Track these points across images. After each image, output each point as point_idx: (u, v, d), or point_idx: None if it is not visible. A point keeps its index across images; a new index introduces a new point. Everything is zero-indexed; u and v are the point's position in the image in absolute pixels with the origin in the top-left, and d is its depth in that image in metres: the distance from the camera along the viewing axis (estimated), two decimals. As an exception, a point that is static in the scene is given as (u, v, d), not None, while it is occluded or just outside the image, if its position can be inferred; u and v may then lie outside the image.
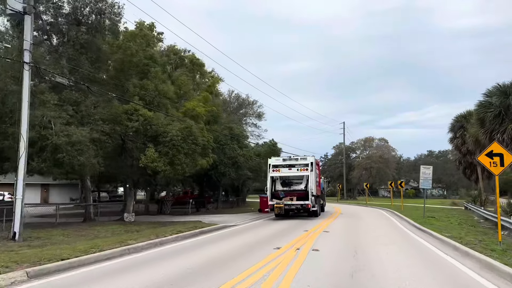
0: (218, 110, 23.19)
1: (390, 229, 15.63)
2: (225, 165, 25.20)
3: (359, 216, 23.76)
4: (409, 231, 14.71)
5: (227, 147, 25.27)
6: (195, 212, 26.70)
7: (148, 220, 19.62)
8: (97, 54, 19.17)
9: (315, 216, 21.41)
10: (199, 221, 18.29)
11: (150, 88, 19.70)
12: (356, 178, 62.86)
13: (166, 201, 24.87)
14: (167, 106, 20.58)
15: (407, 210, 28.10)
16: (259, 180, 32.79)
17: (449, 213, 26.68)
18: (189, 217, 22.11)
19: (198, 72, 26.67)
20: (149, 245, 10.74)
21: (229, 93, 39.24)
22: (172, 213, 25.59)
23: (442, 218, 21.55)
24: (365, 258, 8.62)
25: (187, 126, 18.29)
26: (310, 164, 21.63)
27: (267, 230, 14.89)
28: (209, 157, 22.62)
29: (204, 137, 21.51)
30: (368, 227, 16.11)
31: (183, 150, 17.91)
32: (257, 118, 39.55)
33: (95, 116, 16.45)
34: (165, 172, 17.68)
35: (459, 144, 33.77)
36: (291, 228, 15.49)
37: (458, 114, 34.65)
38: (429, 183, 21.04)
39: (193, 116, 22.02)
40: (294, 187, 22.11)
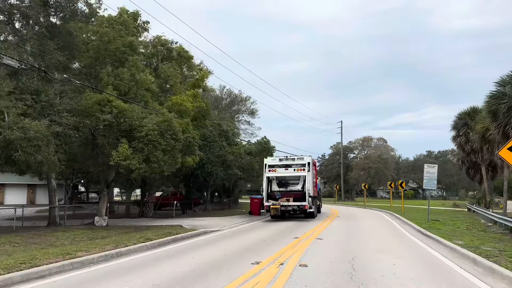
0: (206, 106, 21.30)
1: (392, 235, 13.76)
2: (212, 163, 23.27)
3: (357, 219, 21.90)
4: (415, 238, 12.84)
5: (215, 145, 23.35)
6: (180, 214, 24.77)
7: (124, 224, 17.68)
8: (67, 40, 17.25)
9: (312, 218, 20.67)
10: (179, 226, 16.38)
11: (126, 77, 17.79)
12: (354, 178, 61.07)
13: (148, 203, 22.93)
14: (147, 98, 18.67)
15: (408, 212, 26.31)
16: (251, 180, 30.96)
17: (453, 215, 24.97)
18: (172, 220, 20.19)
19: (186, 65, 24.79)
20: (102, 258, 8.82)
21: (221, 88, 37.32)
22: (156, 216, 23.66)
23: (447, 221, 19.84)
24: (365, 276, 6.76)
25: (166, 120, 16.38)
26: (307, 164, 20.87)
27: (252, 237, 12.99)
28: (195, 155, 20.75)
29: (190, 133, 19.65)
30: (367, 233, 14.23)
31: (161, 146, 16.00)
32: (250, 115, 37.65)
33: (59, 107, 14.50)
34: (140, 171, 15.75)
35: (462, 142, 31.93)
36: (279, 234, 13.59)
37: (461, 111, 32.83)
38: (434, 184, 19.21)
39: (180, 111, 20.16)
40: (290, 188, 21.53)
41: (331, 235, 13.46)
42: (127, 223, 18.66)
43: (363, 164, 60.02)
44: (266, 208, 20.26)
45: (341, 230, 15.21)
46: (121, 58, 18.81)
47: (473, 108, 32.40)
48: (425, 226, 16.10)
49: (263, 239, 12.25)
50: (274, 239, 12.16)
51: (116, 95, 17.05)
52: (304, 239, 12.07)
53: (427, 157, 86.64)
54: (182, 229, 14.46)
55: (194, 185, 25.14)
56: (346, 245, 10.92)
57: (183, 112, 20.08)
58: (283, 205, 19.95)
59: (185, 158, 20.26)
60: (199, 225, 16.64)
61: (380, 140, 65.22)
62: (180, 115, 20.13)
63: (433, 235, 12.86)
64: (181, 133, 16.97)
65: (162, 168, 16.09)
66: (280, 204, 19.92)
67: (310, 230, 14.86)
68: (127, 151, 15.44)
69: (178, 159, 16.73)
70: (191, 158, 20.39)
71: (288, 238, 12.18)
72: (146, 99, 18.52)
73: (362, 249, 10.02)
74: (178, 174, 23.50)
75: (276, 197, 20.92)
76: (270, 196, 21.06)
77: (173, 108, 20.01)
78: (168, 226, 16.46)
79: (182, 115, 20.32)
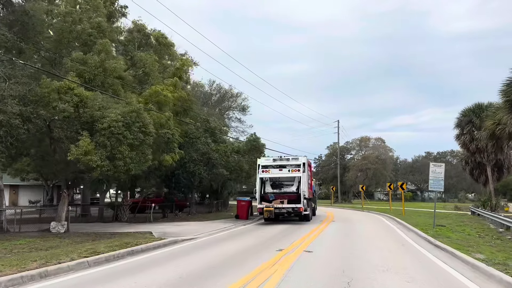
0: (188, 96, 19.04)
1: (396, 246, 11.57)
2: (195, 162, 21.01)
3: (354, 224, 19.72)
4: (424, 250, 10.67)
5: (198, 141, 21.10)
6: (160, 218, 22.53)
7: (87, 230, 15.40)
8: (22, 19, 15.00)
9: (307, 221, 19.89)
10: (149, 233, 14.16)
11: (92, 63, 15.58)
12: (351, 180, 58.87)
13: (123, 206, 20.64)
14: (117, 87, 16.45)
15: (410, 216, 24.19)
16: (240, 181, 28.77)
17: (458, 219, 22.94)
18: (146, 226, 17.94)
19: (167, 55, 22.55)
20: (15, 282, 6.59)
21: (210, 83, 35.00)
22: (133, 220, 21.40)
23: (454, 227, 17.80)
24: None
25: (134, 110, 14.14)
26: (302, 164, 20.02)
27: (227, 249, 10.76)
28: (174, 153, 18.54)
29: (169, 129, 17.46)
30: (366, 243, 12.03)
31: (127, 140, 13.76)
32: (241, 112, 35.35)
33: (3, 92, 12.24)
34: (102, 169, 13.50)
35: (467, 141, 29.84)
36: (262, 245, 11.38)
37: (465, 108, 30.76)
38: (441, 185, 17.06)
39: (158, 102, 17.96)
40: (285, 189, 20.68)
41: (323, 245, 11.26)
42: (94, 229, 16.38)
43: (360, 165, 57.83)
44: (259, 211, 19.36)
45: (336, 239, 13.01)
46: (88, 42, 16.61)
47: (478, 105, 30.42)
48: (433, 234, 13.97)
49: (239, 252, 10.04)
50: (253, 252, 9.95)
51: (79, 82, 14.83)
52: (290, 251, 9.86)
53: (426, 158, 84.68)
54: (147, 238, 12.21)
55: (177, 186, 22.88)
56: (341, 261, 8.70)
57: (162, 103, 17.87)
58: (277, 208, 19.05)
59: (163, 156, 18.07)
60: (172, 233, 14.41)
61: (378, 140, 63.10)
62: (159, 107, 17.94)
63: (445, 246, 10.71)
64: (153, 126, 14.76)
65: (128, 166, 13.84)
66: (274, 206, 19.01)
67: (299, 239, 12.64)
68: (88, 146, 13.20)
69: (149, 156, 14.50)
70: (170, 156, 18.18)
71: (271, 251, 9.97)
72: (116, 88, 16.29)
73: (360, 268, 7.81)
74: (159, 174, 21.27)
75: (270, 199, 19.92)
76: (263, 198, 20.07)
77: (151, 98, 17.83)
78: (137, 233, 14.23)
79: (162, 107, 18.13)
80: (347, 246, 11.22)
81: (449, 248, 10.40)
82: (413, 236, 14.10)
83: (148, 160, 14.56)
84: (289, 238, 12.81)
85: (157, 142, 17.79)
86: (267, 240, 12.43)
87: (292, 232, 15.19)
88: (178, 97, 18.29)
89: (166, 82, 18.25)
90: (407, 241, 12.76)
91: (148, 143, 14.32)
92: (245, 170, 26.50)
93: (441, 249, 10.78)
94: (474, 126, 29.76)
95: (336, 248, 10.80)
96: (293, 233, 14.64)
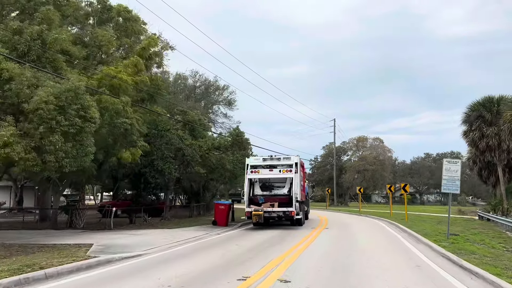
0: (151, 80, 15.95)
1: (409, 268, 8.49)
2: (165, 159, 17.87)
3: (351, 232, 16.66)
4: (447, 274, 7.67)
5: (168, 134, 17.96)
6: (126, 225, 19.42)
7: (13, 241, 12.12)
8: None
9: (299, 225, 18.54)
10: (88, 246, 11.04)
11: (28, 33, 12.50)
12: (348, 182, 55.83)
13: (78, 210, 17.49)
14: (60, 64, 13.35)
15: (413, 222, 21.24)
16: (223, 181, 25.74)
17: (468, 226, 20.13)
18: (98, 235, 14.79)
19: (136, 34, 19.40)
20: None
21: (193, 74, 31.79)
22: (93, 226, 18.27)
23: (468, 235, 14.87)
24: None
25: (70, 88, 11.04)
26: (294, 164, 18.57)
27: (167, 276, 7.62)
28: (136, 148, 15.45)
29: (127, 118, 14.38)
30: (367, 262, 8.95)
31: (60, 127, 10.66)
32: (227, 107, 32.19)
33: None
34: (27, 163, 10.40)
35: (476, 138, 26.86)
36: (222, 269, 8.24)
37: (474, 102, 27.86)
38: (456, 185, 14.03)
39: (113, 87, 14.90)
40: (275, 192, 19.38)
41: (307, 268, 8.16)
42: (27, 239, 13.17)
43: (358, 166, 54.82)
44: (247, 215, 17.78)
45: (327, 256, 9.92)
46: (27, 7, 13.55)
47: (488, 98, 27.50)
48: (451, 248, 10.96)
49: (187, 280, 6.94)
50: (206, 280, 6.85)
51: (7, 55, 11.74)
52: (258, 281, 6.77)
53: (425, 160, 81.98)
54: (74, 257, 9.06)
55: (147, 188, 19.79)
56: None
57: (117, 88, 14.79)
58: (267, 211, 17.60)
59: (121, 151, 15.00)
60: (120, 246, 11.30)
61: (376, 140, 60.10)
62: (116, 92, 14.86)
63: (479, 270, 7.70)
64: (104, 112, 11.71)
65: (61, 162, 10.71)
66: (264, 210, 17.53)
67: (279, 256, 9.52)
68: (10, 137, 10.08)
69: (89, 149, 11.38)
70: (129, 152, 15.10)
71: (229, 280, 6.86)
72: (58, 65, 13.19)
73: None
74: (124, 173, 18.17)
75: (259, 202, 18.51)
76: (252, 200, 18.61)
77: (103, 82, 14.77)
78: (73, 246, 11.10)
79: (119, 92, 15.05)
80: (340, 269, 8.14)
81: (486, 273, 7.39)
82: (426, 250, 11.07)
83: (88, 154, 11.44)
84: (266, 255, 9.73)
85: (114, 134, 14.76)
86: (237, 258, 9.33)
87: (274, 244, 12.13)
88: (140, 81, 15.19)
89: (125, 63, 15.16)
90: (421, 258, 9.71)
91: (89, 131, 11.20)
92: (228, 169, 23.41)
93: (472, 273, 7.76)
94: (484, 121, 26.88)
95: (325, 273, 7.71)
96: (275, 246, 11.58)
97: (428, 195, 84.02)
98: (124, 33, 18.37)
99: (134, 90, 16.30)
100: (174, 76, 31.63)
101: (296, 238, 13.86)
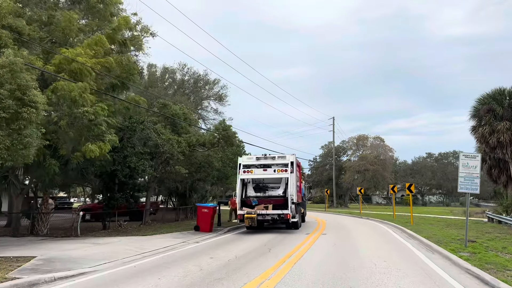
0: (116, 62, 13.71)
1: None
2: (139, 156, 15.68)
3: (352, 239, 14.47)
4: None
5: (141, 127, 15.76)
6: (99, 230, 17.28)
7: None
8: None
9: (296, 228, 17.55)
10: (29, 259, 8.89)
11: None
12: (348, 182, 53.69)
13: (40, 215, 15.29)
14: (6, 41, 11.19)
15: (420, 226, 19.23)
16: (210, 181, 23.57)
17: (480, 229, 18.09)
18: (54, 243, 12.64)
19: (111, 16, 17.22)
20: None
21: (180, 66, 29.51)
22: (56, 233, 16.10)
23: (486, 241, 12.84)
24: None
25: (3, 65, 8.88)
26: (290, 164, 17.49)
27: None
28: (104, 142, 13.27)
29: (88, 106, 12.24)
30: (372, 285, 6.80)
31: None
32: (218, 102, 29.96)
33: None
34: None
35: (486, 133, 24.66)
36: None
37: (483, 94, 25.70)
38: (475, 184, 11.89)
39: (73, 72, 12.75)
40: (270, 193, 18.29)
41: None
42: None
43: (358, 166, 52.63)
44: (240, 218, 16.75)
45: (321, 275, 7.76)
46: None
47: (500, 90, 25.34)
48: (476, 262, 8.83)
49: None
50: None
51: None
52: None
53: (427, 159, 79.81)
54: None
55: (122, 188, 17.60)
56: None
57: (77, 73, 12.63)
58: (261, 214, 16.51)
59: (86, 145, 12.82)
60: (68, 258, 9.19)
61: (376, 139, 57.88)
62: (76, 78, 12.70)
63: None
64: (40, 94, 9.52)
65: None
66: (257, 212, 16.43)
67: (254, 279, 7.35)
68: None
69: (28, 139, 9.18)
70: (95, 146, 12.92)
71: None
72: (2, 42, 11.04)
73: None
74: (94, 171, 16.02)
75: (252, 204, 17.46)
76: (244, 202, 17.50)
77: (62, 67, 12.63)
78: (14, 259, 8.93)
79: (82, 79, 12.90)
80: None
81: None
82: (446, 264, 8.93)
83: (29, 146, 9.25)
84: (241, 274, 7.57)
85: (76, 127, 12.64)
86: (202, 281, 7.15)
87: (258, 256, 9.97)
88: (104, 63, 12.98)
89: (86, 42, 12.98)
90: (442, 277, 7.54)
91: (29, 118, 9.02)
92: (215, 168, 21.24)
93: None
94: (495, 115, 24.78)
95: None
96: (258, 259, 9.42)
97: (430, 196, 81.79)
98: (97, 15, 16.22)
99: (105, 76, 14.15)
100: (162, 69, 29.54)
101: (287, 247, 11.71)
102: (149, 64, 30.33)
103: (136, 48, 16.96)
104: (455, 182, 53.82)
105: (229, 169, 26.47)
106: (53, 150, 13.20)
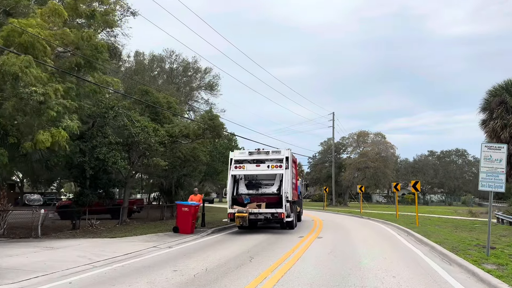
0: (76, 36, 11.70)
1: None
2: (109, 147, 13.67)
3: (352, 244, 12.49)
4: None
5: (111, 113, 13.72)
6: (68, 230, 15.38)
7: None
8: None
9: (291, 228, 16.64)
10: None
11: None
12: (347, 180, 51.73)
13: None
14: None
15: (426, 227, 17.58)
16: (196, 176, 21.62)
17: (493, 232, 16.10)
18: (2, 248, 10.72)
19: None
20: None
21: (167, 53, 27.44)
22: (18, 232, 14.21)
23: (504, 246, 11.30)
24: None
25: None
26: (285, 159, 16.49)
27: None
28: (59, 129, 11.31)
29: (36, 84, 10.35)
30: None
31: None
32: (209, 92, 27.94)
33: None
34: None
35: (497, 127, 22.73)
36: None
37: (495, 85, 23.69)
38: (500, 181, 9.94)
39: (23, 46, 10.82)
40: (263, 190, 17.07)
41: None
42: None
43: (358, 163, 50.66)
44: (230, 217, 15.58)
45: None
46: None
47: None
48: (508, 278, 6.88)
49: None
50: None
51: None
52: None
53: (429, 157, 77.79)
54: None
55: (95, 184, 15.66)
56: None
57: (28, 46, 10.68)
58: (253, 213, 15.35)
59: (37, 133, 10.91)
60: (5, 267, 7.24)
61: (378, 135, 55.84)
62: (29, 53, 10.74)
63: None
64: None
65: None
66: (249, 211, 15.27)
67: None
68: None
69: None
70: (49, 134, 10.97)
71: None
72: None
73: None
74: (57, 163, 14.05)
75: (244, 202, 16.33)
76: (235, 200, 16.40)
77: (11, 40, 10.70)
78: None
79: (37, 55, 10.94)
80: None
81: None
82: (469, 282, 7.03)
83: None
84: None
85: (23, 110, 10.75)
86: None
87: (234, 268, 8.02)
88: (62, 35, 11.00)
89: (39, 11, 11.00)
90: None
91: None
92: (203, 162, 19.30)
93: None
94: (507, 108, 22.85)
95: None
96: (233, 273, 7.48)
97: (432, 194, 79.74)
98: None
99: (69, 54, 12.18)
100: (149, 57, 27.53)
101: (273, 254, 9.76)
102: (136, 52, 28.37)
103: (108, 25, 15.00)
104: (457, 181, 51.72)
105: (220, 164, 24.55)
106: (1, 137, 11.27)
